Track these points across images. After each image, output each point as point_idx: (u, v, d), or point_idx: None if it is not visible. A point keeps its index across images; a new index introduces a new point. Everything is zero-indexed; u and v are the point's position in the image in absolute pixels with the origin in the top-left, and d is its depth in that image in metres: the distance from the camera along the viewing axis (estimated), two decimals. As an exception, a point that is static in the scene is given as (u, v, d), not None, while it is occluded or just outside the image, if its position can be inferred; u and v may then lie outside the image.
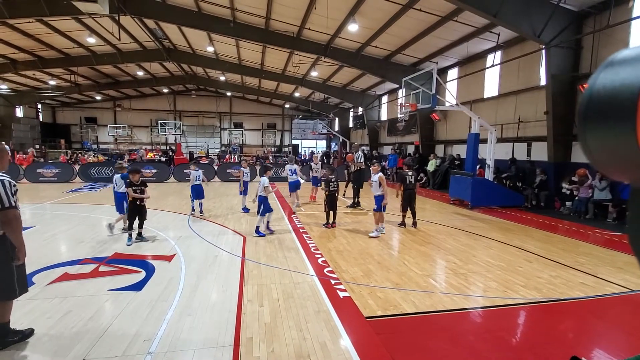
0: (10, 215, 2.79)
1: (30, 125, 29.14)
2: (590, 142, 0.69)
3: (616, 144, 0.64)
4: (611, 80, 0.64)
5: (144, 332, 3.23)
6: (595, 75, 0.68)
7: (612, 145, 0.65)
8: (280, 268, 5.07)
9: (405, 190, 7.67)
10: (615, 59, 0.66)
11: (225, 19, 15.03)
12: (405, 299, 4.08)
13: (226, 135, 36.86)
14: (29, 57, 20.08)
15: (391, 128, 22.93)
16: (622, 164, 0.66)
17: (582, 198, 9.28)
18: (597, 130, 0.67)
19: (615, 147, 0.65)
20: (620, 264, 5.55)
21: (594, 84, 0.67)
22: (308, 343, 3.12)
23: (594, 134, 0.67)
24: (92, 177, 16.06)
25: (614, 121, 0.63)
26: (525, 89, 12.08)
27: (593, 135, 0.68)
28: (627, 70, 0.63)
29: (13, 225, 2.82)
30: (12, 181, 2.86)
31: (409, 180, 7.68)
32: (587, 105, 0.68)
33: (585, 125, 0.68)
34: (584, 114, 0.68)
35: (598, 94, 0.66)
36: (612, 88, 0.63)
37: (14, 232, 2.84)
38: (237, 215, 8.92)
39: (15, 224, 2.83)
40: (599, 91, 0.66)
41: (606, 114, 0.64)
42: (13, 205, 2.81)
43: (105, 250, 5.77)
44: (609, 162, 0.69)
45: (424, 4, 10.90)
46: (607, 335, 3.51)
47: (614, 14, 8.61)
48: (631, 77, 0.61)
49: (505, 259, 5.75)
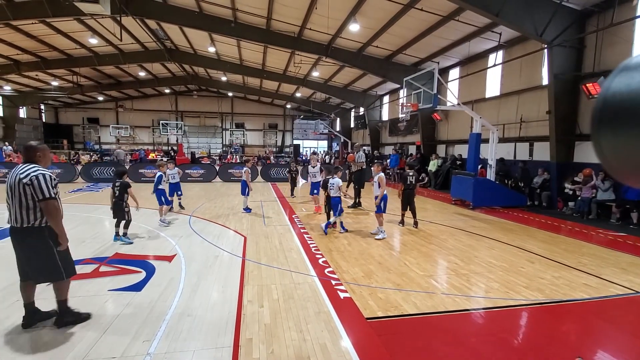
0: (50, 205, 3.09)
1: (33, 125, 29.26)
2: (605, 146, 0.66)
3: (632, 148, 0.61)
4: (627, 85, 0.62)
5: (144, 333, 3.22)
6: (610, 80, 0.65)
7: (628, 150, 0.63)
8: (281, 268, 5.06)
9: (405, 190, 7.78)
10: (631, 63, 0.64)
11: (226, 19, 15.04)
12: (407, 300, 4.05)
13: (228, 135, 36.92)
14: (32, 58, 20.18)
15: (392, 128, 22.88)
16: (637, 169, 0.64)
17: (585, 198, 9.22)
18: (612, 134, 0.64)
19: (630, 152, 0.62)
20: (624, 265, 5.50)
21: (608, 88, 0.65)
22: (308, 344, 3.10)
23: (609, 138, 0.65)
24: (94, 177, 16.10)
25: (630, 125, 0.61)
26: (528, 89, 12.02)
27: (607, 139, 0.65)
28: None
29: (53, 214, 3.12)
30: (52, 175, 3.19)
31: (410, 181, 7.78)
32: (601, 109, 0.66)
33: (600, 128, 0.66)
34: (599, 117, 0.66)
35: (613, 97, 0.64)
36: (629, 92, 0.61)
37: (54, 220, 3.14)
38: (238, 215, 8.91)
39: (55, 213, 3.13)
40: (614, 95, 0.64)
41: (622, 117, 0.62)
42: (53, 196, 3.10)
43: (106, 250, 5.77)
44: (624, 166, 0.67)
45: (426, 3, 10.86)
46: (610, 337, 3.47)
47: (618, 12, 8.54)
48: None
49: (508, 259, 5.71)
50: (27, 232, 3.12)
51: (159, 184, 7.88)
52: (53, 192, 3.11)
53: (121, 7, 13.18)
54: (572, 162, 10.35)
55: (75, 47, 18.97)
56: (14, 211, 3.10)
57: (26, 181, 3.03)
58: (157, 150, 31.29)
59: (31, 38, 17.20)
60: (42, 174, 3.10)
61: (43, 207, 3.07)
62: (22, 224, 3.10)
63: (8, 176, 3.17)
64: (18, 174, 3.08)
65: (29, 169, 3.11)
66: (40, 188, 3.05)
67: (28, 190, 3.04)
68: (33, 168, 3.13)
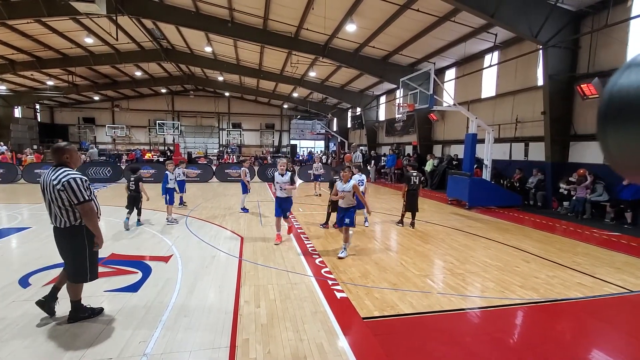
0: (86, 208, 3.19)
1: (28, 125, 29.00)
2: (611, 142, 0.66)
3: (638, 144, 0.62)
4: (636, 80, 0.62)
5: (140, 334, 3.22)
6: (616, 77, 0.66)
7: (634, 146, 0.63)
8: (278, 269, 5.06)
9: (409, 190, 7.73)
10: (636, 60, 0.65)
11: (223, 19, 15.01)
12: (403, 300, 4.07)
13: (224, 135, 36.82)
14: (28, 58, 20.00)
15: (389, 128, 22.93)
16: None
17: (579, 198, 9.30)
18: (619, 130, 0.65)
19: (636, 148, 0.63)
20: (618, 264, 5.55)
21: (614, 85, 0.65)
22: (305, 344, 3.11)
23: (615, 134, 0.65)
24: (89, 177, 15.99)
25: (637, 121, 0.61)
26: (523, 89, 12.10)
27: (614, 135, 0.65)
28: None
29: (89, 216, 3.22)
30: (83, 177, 3.25)
31: (413, 181, 7.73)
32: (607, 104, 0.66)
33: (606, 124, 0.66)
34: (604, 113, 0.66)
35: (619, 94, 0.64)
36: (636, 88, 0.62)
37: (91, 221, 3.25)
38: (235, 215, 8.90)
39: (91, 214, 3.23)
40: (620, 91, 0.64)
41: (630, 113, 0.63)
42: (87, 199, 3.19)
43: (102, 250, 5.69)
44: (630, 163, 0.67)
45: (422, 4, 10.91)
46: (605, 336, 3.51)
47: (612, 13, 8.61)
48: None
49: (503, 259, 5.75)
50: (67, 232, 3.24)
51: (166, 183, 8.04)
52: (87, 195, 3.18)
53: (117, 7, 13.11)
54: (567, 163, 10.43)
55: (71, 47, 18.84)
56: (53, 212, 3.21)
57: (59, 187, 3.11)
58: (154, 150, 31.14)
59: (26, 37, 17.05)
60: (73, 177, 3.15)
61: (80, 210, 3.17)
62: (63, 224, 3.21)
63: (41, 179, 3.28)
64: (50, 179, 3.15)
65: (59, 173, 3.16)
66: (74, 192, 3.12)
67: (63, 195, 3.12)
68: (63, 172, 3.17)
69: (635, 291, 4.51)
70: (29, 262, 5.13)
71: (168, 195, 7.98)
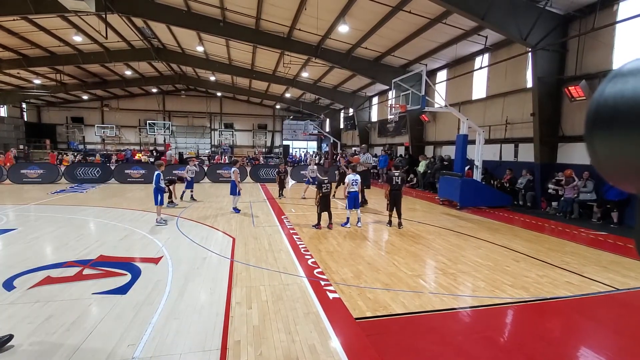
0: None
1: (14, 125, 28.40)
2: (599, 149, 0.68)
3: (626, 151, 0.63)
4: (620, 90, 0.64)
5: (129, 337, 3.16)
6: (603, 85, 0.67)
7: (621, 153, 0.64)
8: (270, 270, 5.03)
9: (391, 190, 7.79)
10: (623, 69, 0.66)
11: (215, 18, 14.91)
12: (395, 300, 4.08)
13: (216, 135, 36.55)
14: (14, 56, 19.61)
15: (381, 129, 23.04)
16: (630, 172, 0.65)
17: (567, 198, 9.45)
18: (605, 137, 0.66)
19: (624, 155, 0.64)
20: (605, 263, 5.65)
21: (602, 92, 0.67)
22: (297, 345, 3.09)
23: (603, 141, 0.67)
24: (78, 178, 15.72)
25: (624, 128, 0.62)
26: (513, 91, 12.26)
27: (601, 142, 0.67)
28: (637, 79, 0.63)
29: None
30: None
31: (395, 181, 7.79)
32: (595, 111, 0.67)
33: (593, 131, 0.68)
34: (592, 120, 0.68)
35: (606, 101, 0.65)
36: (622, 96, 0.63)
37: None
38: (226, 216, 8.83)
39: None
40: (606, 99, 0.65)
41: (616, 120, 0.64)
42: None
43: (91, 252, 5.63)
44: (617, 169, 0.68)
45: (414, 6, 10.98)
46: (593, 334, 3.56)
47: (599, 17, 8.80)
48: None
49: (494, 258, 5.81)
50: None
51: (158, 183, 7.94)
52: None
53: (106, 4, 12.90)
54: (555, 164, 10.60)
55: (59, 45, 18.50)
56: None
57: None
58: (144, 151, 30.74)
59: (12, 35, 16.70)
60: None
61: None
62: None
63: None
64: None
65: None
66: None
67: None
68: None
69: (622, 289, 4.60)
70: (13, 264, 5.00)
71: (160, 196, 7.87)
